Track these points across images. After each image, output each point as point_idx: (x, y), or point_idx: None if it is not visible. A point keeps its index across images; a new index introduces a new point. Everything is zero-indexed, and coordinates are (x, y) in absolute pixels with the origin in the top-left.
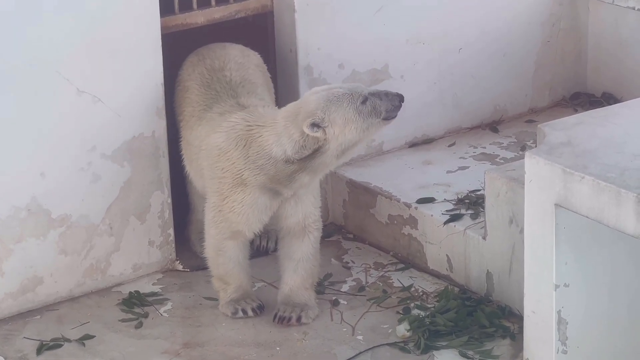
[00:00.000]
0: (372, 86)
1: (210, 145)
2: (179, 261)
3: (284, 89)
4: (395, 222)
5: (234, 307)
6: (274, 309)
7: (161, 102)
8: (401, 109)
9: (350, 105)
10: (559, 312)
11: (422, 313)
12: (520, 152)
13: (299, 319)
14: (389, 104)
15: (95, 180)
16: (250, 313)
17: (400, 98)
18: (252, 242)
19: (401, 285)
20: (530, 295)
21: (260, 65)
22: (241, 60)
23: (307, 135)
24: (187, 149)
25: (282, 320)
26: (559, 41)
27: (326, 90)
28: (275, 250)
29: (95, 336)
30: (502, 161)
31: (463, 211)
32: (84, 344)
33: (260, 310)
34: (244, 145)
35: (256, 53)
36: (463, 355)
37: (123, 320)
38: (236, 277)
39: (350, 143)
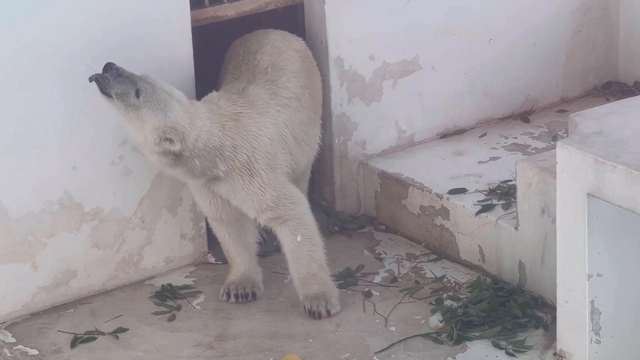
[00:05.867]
0: (401, 77)
1: None
2: (211, 254)
3: None
4: (427, 213)
5: (223, 289)
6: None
7: (192, 95)
8: None
9: None
10: (592, 302)
11: (455, 304)
12: (552, 142)
13: (328, 312)
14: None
15: (127, 174)
16: (232, 298)
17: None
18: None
19: (433, 276)
20: (563, 286)
21: (300, 50)
22: (279, 45)
23: None
24: None
25: (312, 315)
26: (590, 30)
27: None
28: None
29: (128, 329)
30: (533, 151)
31: (495, 201)
32: (117, 337)
33: (245, 298)
34: None
35: (300, 39)
36: (496, 345)
37: (156, 313)
38: (232, 259)
39: None
